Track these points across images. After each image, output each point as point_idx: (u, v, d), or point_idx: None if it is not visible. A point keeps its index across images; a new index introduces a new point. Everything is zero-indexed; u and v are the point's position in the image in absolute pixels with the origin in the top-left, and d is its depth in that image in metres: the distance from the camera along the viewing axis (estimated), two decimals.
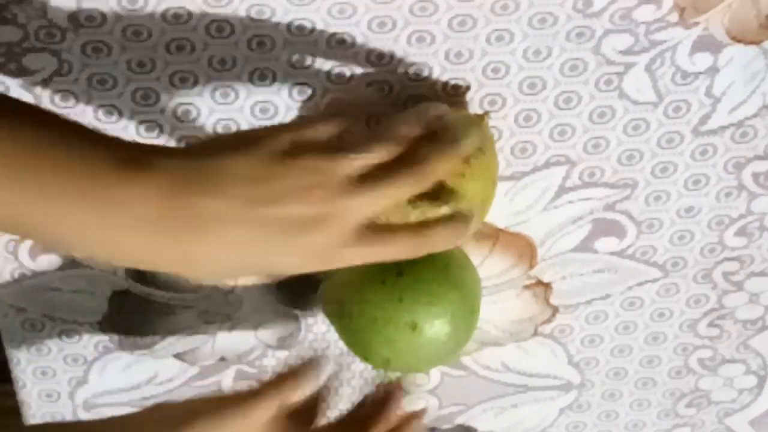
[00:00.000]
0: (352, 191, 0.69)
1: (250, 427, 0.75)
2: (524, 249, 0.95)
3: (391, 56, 0.84)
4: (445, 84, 0.86)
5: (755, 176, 0.93)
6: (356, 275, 0.85)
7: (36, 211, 0.64)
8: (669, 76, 0.87)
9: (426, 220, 0.74)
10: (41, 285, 0.95)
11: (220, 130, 0.87)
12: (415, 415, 0.88)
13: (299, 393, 0.77)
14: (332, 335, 0.96)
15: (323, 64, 0.85)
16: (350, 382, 1.01)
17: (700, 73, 0.87)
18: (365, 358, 0.86)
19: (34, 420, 1.02)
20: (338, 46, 0.84)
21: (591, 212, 0.94)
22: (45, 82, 0.84)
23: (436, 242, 0.72)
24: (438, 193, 0.78)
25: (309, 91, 0.86)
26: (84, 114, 0.86)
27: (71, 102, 0.85)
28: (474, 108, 0.87)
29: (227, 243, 0.66)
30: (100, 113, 0.86)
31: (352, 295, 0.85)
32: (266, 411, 0.76)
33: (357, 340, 0.86)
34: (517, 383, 1.03)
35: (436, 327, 0.84)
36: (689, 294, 0.99)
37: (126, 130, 0.87)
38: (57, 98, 0.85)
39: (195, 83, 0.85)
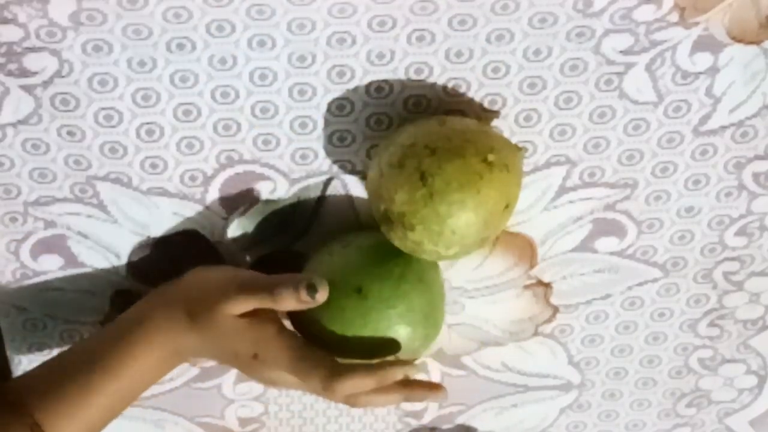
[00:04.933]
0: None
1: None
2: (524, 249, 0.95)
3: (391, 56, 0.85)
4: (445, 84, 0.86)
5: (755, 176, 0.93)
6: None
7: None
8: (669, 76, 0.87)
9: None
10: (43, 285, 0.95)
11: (221, 129, 0.87)
12: None
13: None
14: None
15: (323, 64, 0.85)
16: None
17: (701, 73, 0.87)
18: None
19: None
20: (338, 45, 0.84)
21: (591, 212, 0.94)
22: (45, 84, 0.85)
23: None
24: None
25: (309, 91, 0.86)
26: (84, 118, 0.86)
27: (72, 104, 0.86)
28: (474, 109, 0.88)
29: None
30: (101, 117, 0.86)
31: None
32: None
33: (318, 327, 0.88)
34: (517, 383, 1.03)
35: (383, 290, 0.86)
36: (689, 294, 0.99)
37: (127, 133, 0.87)
38: (57, 100, 0.85)
39: (195, 82, 0.85)
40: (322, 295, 0.84)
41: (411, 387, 0.87)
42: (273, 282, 0.85)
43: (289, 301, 0.84)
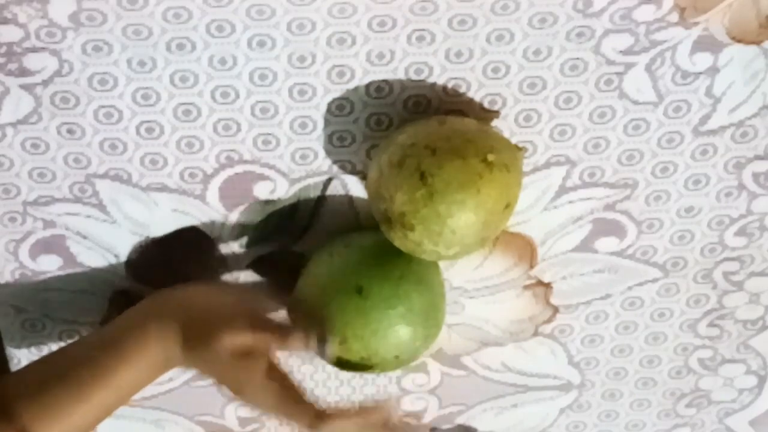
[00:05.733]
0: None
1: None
2: (524, 249, 0.95)
3: (391, 56, 0.85)
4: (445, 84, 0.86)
5: (755, 176, 0.93)
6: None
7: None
8: (669, 76, 0.87)
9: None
10: (42, 285, 0.95)
11: (220, 129, 0.87)
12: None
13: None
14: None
15: (323, 64, 0.85)
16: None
17: (700, 73, 0.87)
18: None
19: None
20: (338, 45, 0.84)
21: (591, 212, 0.94)
22: (45, 82, 0.85)
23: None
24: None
25: (309, 91, 0.86)
26: (84, 115, 0.86)
27: (72, 102, 0.85)
28: (474, 109, 0.88)
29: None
30: (101, 114, 0.86)
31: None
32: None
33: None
34: (517, 383, 1.03)
35: (384, 290, 0.86)
36: (689, 294, 0.99)
37: (127, 130, 0.87)
38: (57, 98, 0.85)
39: (195, 83, 0.85)
40: (330, 349, 0.87)
41: (393, 429, 0.88)
42: (283, 330, 0.86)
43: (296, 350, 0.86)
